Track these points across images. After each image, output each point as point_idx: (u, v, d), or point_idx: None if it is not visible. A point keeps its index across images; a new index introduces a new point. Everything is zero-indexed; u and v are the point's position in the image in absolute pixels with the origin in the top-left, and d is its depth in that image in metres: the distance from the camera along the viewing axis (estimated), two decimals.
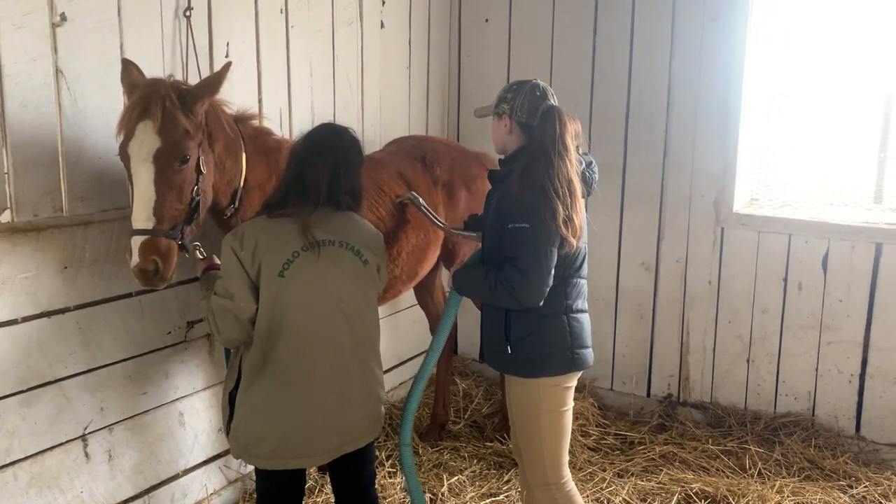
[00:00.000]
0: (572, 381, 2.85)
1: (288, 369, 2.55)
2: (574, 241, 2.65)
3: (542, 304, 2.68)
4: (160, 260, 2.56)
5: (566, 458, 2.89)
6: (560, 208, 2.59)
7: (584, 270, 2.85)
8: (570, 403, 2.86)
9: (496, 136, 2.89)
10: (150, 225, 2.55)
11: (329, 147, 2.63)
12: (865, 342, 4.18)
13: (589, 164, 2.90)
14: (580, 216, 2.67)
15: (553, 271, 2.66)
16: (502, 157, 2.91)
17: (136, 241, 2.55)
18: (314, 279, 2.54)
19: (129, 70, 2.68)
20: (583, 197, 2.77)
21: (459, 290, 2.93)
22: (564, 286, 2.76)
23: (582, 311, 2.85)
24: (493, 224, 2.78)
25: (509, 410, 2.96)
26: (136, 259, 2.55)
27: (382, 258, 2.76)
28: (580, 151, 2.82)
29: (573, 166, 2.68)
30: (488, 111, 2.91)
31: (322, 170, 2.58)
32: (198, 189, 2.68)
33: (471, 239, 3.41)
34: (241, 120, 3.02)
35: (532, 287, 2.62)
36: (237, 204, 2.97)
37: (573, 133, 2.72)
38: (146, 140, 2.53)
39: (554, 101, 2.82)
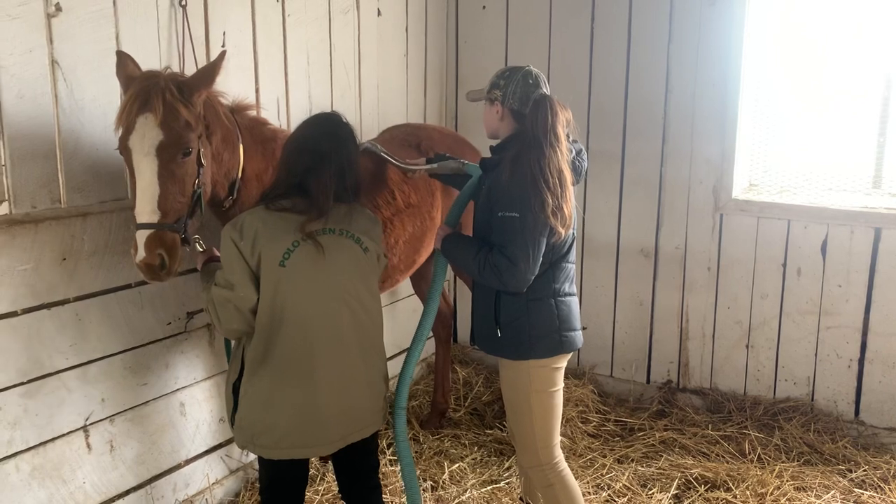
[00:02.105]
0: (562, 363, 2.89)
1: (291, 359, 2.55)
2: (563, 231, 2.68)
3: (529, 287, 2.72)
4: (166, 254, 2.55)
5: (558, 438, 2.94)
6: (550, 199, 2.61)
7: (572, 255, 2.88)
8: (560, 384, 2.91)
9: (487, 122, 2.91)
10: (154, 219, 2.54)
11: (334, 151, 2.59)
12: (864, 327, 4.19)
13: (579, 152, 2.93)
14: (570, 205, 2.69)
15: (541, 259, 2.69)
16: (493, 142, 2.92)
17: (142, 236, 2.53)
18: (315, 268, 2.54)
19: (125, 62, 2.66)
20: (573, 185, 2.78)
21: (449, 257, 2.93)
22: (553, 271, 2.80)
23: (570, 294, 2.88)
24: (484, 210, 2.80)
25: (503, 393, 2.98)
26: (141, 254, 2.53)
27: (381, 246, 2.76)
28: (570, 139, 2.83)
29: (564, 156, 2.69)
30: (480, 95, 2.92)
31: (328, 179, 2.56)
32: (199, 182, 2.67)
33: (433, 171, 3.29)
34: (237, 110, 3.01)
35: (518, 275, 2.65)
36: (235, 195, 2.96)
37: (564, 122, 2.73)
38: (148, 133, 2.52)
39: (546, 88, 2.83)
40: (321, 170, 2.56)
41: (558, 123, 2.69)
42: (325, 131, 2.63)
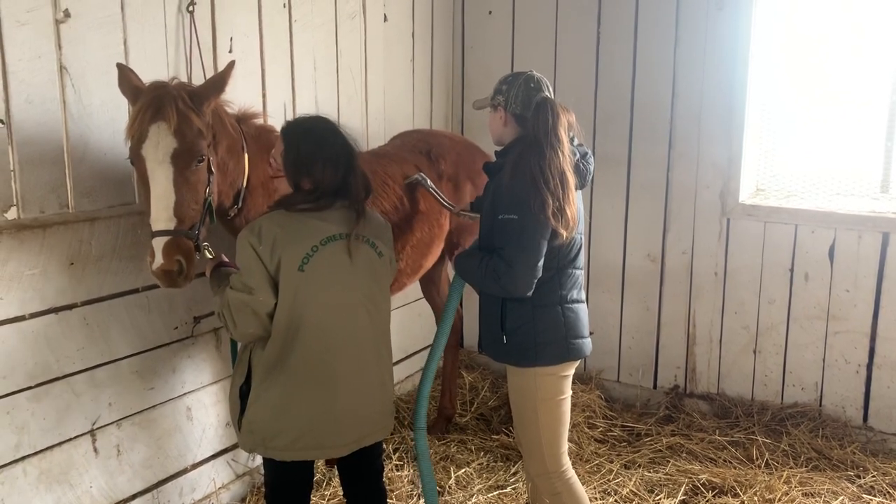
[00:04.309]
0: (569, 370, 2.87)
1: (309, 362, 2.56)
2: (566, 233, 2.65)
3: (535, 294, 2.70)
4: (184, 259, 2.56)
5: (565, 446, 2.91)
6: (550, 200, 2.59)
7: (580, 261, 2.85)
8: (568, 392, 2.88)
9: (492, 128, 2.91)
10: (171, 225, 2.55)
11: (343, 154, 2.62)
12: (873, 332, 4.17)
13: (584, 156, 2.89)
14: (573, 207, 2.66)
15: (542, 262, 2.66)
16: (499, 148, 2.92)
17: (159, 243, 2.54)
18: (334, 273, 2.56)
19: (127, 75, 2.66)
20: (578, 188, 2.77)
21: (461, 274, 2.94)
22: (559, 277, 2.77)
23: (577, 301, 2.86)
24: (487, 214, 2.80)
25: (509, 400, 2.97)
26: (159, 260, 2.53)
27: (392, 249, 2.79)
28: (575, 143, 2.82)
29: (566, 158, 2.67)
30: (485, 103, 2.92)
31: (334, 177, 2.59)
32: (209, 189, 2.68)
33: (476, 220, 3.38)
34: (243, 119, 3.02)
35: (517, 278, 2.62)
36: (240, 204, 2.97)
37: (566, 124, 2.71)
38: (162, 141, 2.53)
39: (548, 92, 2.82)
40: (332, 173, 2.58)
41: (559, 125, 2.67)
42: (334, 132, 2.65)
